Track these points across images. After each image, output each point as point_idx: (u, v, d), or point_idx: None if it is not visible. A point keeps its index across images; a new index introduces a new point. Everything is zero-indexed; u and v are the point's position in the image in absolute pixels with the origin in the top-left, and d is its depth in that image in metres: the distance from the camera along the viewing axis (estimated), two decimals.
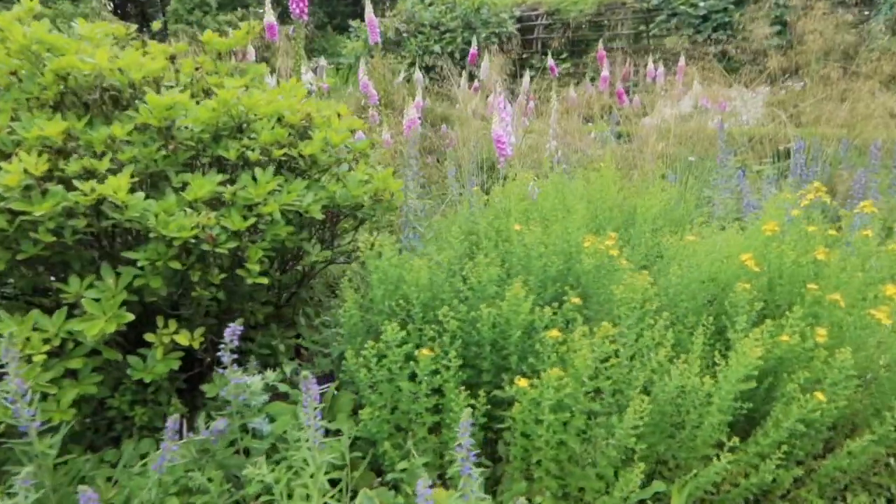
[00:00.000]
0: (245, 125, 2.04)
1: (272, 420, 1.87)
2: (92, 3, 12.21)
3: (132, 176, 1.72)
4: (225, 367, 1.63)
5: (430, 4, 10.85)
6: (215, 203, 1.83)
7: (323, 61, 7.14)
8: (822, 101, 4.15)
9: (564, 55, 10.26)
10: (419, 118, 3.71)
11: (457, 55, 9.87)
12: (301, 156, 1.98)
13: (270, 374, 1.69)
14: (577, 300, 1.53)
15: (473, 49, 5.57)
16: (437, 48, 10.02)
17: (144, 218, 1.61)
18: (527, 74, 5.72)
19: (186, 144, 1.84)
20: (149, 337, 1.74)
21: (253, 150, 1.93)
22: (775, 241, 1.91)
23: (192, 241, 1.62)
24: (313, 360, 2.15)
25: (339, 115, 2.26)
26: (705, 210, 3.13)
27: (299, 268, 2.28)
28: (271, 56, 4.03)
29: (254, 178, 1.85)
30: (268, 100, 2.12)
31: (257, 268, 1.78)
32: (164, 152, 1.77)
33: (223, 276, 1.76)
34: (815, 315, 1.71)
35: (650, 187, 2.93)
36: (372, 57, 10.88)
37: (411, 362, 1.51)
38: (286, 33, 4.46)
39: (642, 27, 9.56)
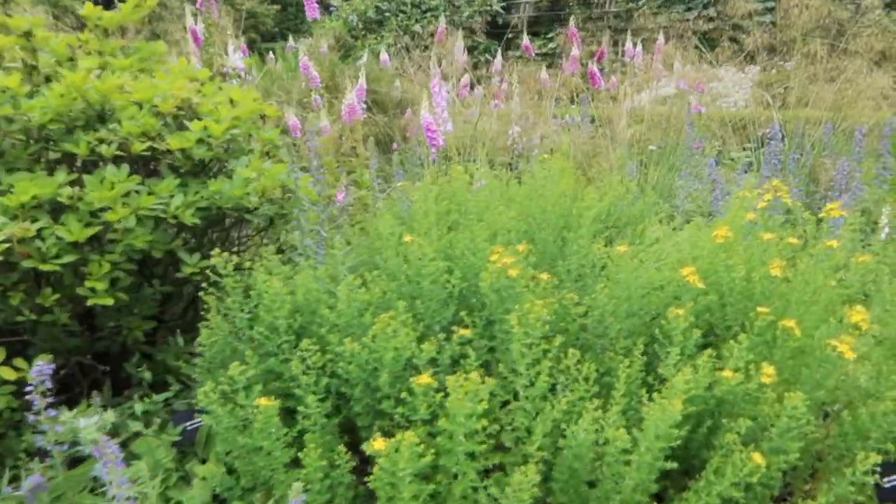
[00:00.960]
0: (110, 113, 1.73)
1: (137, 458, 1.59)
2: None
3: None
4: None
5: None
6: (57, 208, 1.53)
7: (291, 42, 6.77)
8: (809, 80, 3.82)
9: (550, 35, 9.86)
10: (364, 103, 3.40)
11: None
12: (169, 150, 1.68)
13: (110, 414, 1.41)
14: (466, 331, 1.24)
15: (441, 26, 5.22)
16: (417, 28, 9.63)
17: None
18: (499, 54, 5.38)
19: (17, 138, 1.54)
20: None
21: (110, 143, 1.62)
22: (726, 250, 1.61)
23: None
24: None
25: (231, 101, 1.95)
26: (667, 205, 2.83)
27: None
28: (209, 36, 3.72)
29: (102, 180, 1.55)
30: (146, 84, 1.81)
31: (101, 286, 1.49)
32: None
33: (57, 296, 1.47)
34: (769, 343, 1.41)
35: (602, 181, 2.63)
36: (354, 39, 10.50)
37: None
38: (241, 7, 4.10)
39: (632, 4, 9.15)
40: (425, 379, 1.10)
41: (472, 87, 5.68)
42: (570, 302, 1.52)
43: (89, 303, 1.47)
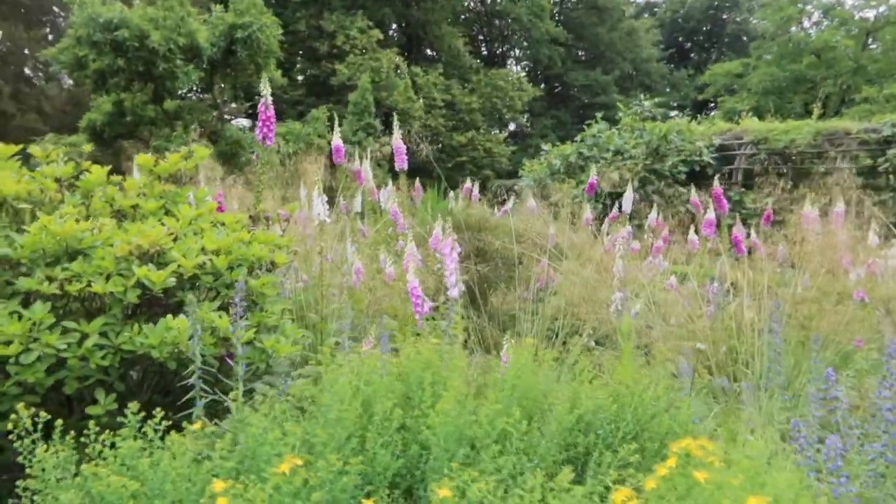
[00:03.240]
0: (79, 254, 1.91)
1: None
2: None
3: None
4: None
5: (620, 130, 10.42)
6: None
7: (468, 184, 7.07)
8: None
9: (767, 189, 8.87)
10: (459, 252, 3.31)
11: (635, 182, 9.16)
12: (97, 294, 1.77)
13: None
14: None
15: (592, 178, 4.99)
16: (615, 175, 9.45)
17: None
18: (654, 209, 4.92)
19: None
20: None
21: (51, 281, 1.77)
22: None
23: None
24: None
25: (203, 250, 2.02)
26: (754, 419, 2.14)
27: None
28: (333, 180, 4.06)
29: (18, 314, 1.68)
30: (124, 230, 1.98)
31: None
32: None
33: None
34: None
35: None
36: (552, 181, 10.69)
37: None
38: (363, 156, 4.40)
39: (869, 160, 7.88)
40: None
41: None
42: None
43: None
